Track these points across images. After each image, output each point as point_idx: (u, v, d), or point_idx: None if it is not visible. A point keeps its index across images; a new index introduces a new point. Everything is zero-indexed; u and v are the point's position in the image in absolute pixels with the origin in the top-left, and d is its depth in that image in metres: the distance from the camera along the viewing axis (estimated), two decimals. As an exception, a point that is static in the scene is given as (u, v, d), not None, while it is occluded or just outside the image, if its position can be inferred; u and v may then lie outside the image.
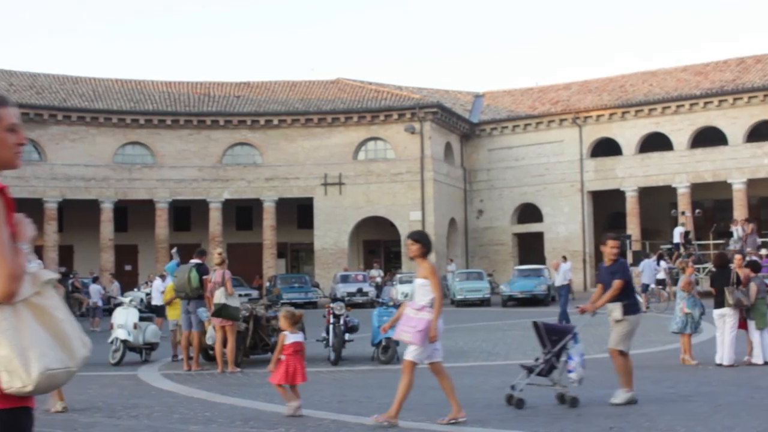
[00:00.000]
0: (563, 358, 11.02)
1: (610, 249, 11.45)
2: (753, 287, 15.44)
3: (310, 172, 49.27)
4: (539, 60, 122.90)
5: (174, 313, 17.88)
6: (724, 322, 15.11)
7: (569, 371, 10.96)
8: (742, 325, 15.43)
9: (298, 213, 52.93)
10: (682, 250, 39.59)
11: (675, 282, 28.22)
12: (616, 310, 11.17)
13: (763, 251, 35.91)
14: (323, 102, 50.81)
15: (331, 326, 16.78)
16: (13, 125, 3.28)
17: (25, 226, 3.22)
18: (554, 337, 11.21)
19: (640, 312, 11.69)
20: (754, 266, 16.56)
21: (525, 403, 10.68)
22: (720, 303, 15.21)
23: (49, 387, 3.15)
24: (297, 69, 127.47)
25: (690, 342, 15.97)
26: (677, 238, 40.80)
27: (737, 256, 16.85)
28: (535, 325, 11.52)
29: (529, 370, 11.09)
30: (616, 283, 11.14)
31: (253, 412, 10.83)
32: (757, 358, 15.32)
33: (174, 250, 24.65)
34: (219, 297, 15.27)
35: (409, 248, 10.02)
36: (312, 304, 40.08)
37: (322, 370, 15.78)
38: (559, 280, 27.65)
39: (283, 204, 50.16)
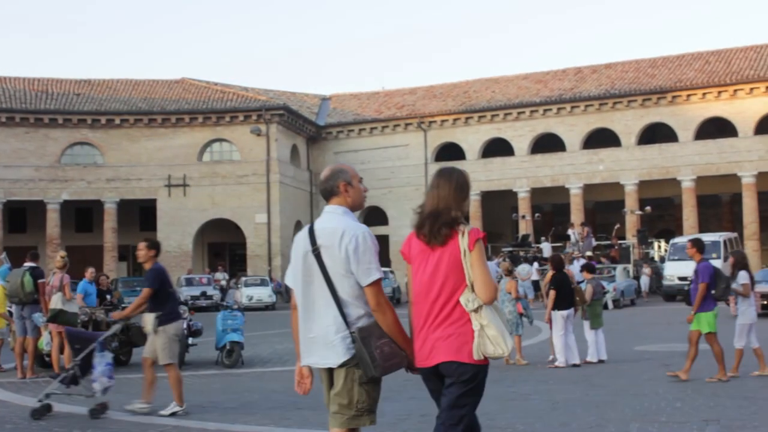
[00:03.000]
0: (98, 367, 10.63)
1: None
2: (589, 288, 15.99)
3: (153, 173, 48.23)
4: (385, 65, 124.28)
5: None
6: (570, 322, 15.46)
7: (93, 381, 10.63)
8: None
9: (141, 215, 51.75)
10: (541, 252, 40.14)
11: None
12: (149, 322, 10.63)
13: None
14: (167, 102, 49.84)
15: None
16: (360, 179, 5.47)
17: None
18: (77, 345, 10.91)
19: (178, 320, 11.06)
20: (590, 268, 17.14)
21: (46, 412, 10.51)
22: (565, 304, 15.46)
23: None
24: (140, 67, 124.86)
25: (520, 342, 16.39)
26: (547, 251, 40.25)
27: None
28: (67, 332, 11.34)
29: (63, 379, 10.77)
30: (144, 292, 10.61)
31: (91, 420, 10.47)
32: (592, 357, 15.84)
33: (3, 255, 23.69)
34: (56, 302, 14.72)
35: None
36: (154, 308, 39.29)
37: (164, 375, 15.43)
38: None
39: (125, 205, 48.94)
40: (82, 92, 50.70)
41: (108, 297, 18.96)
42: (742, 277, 13.53)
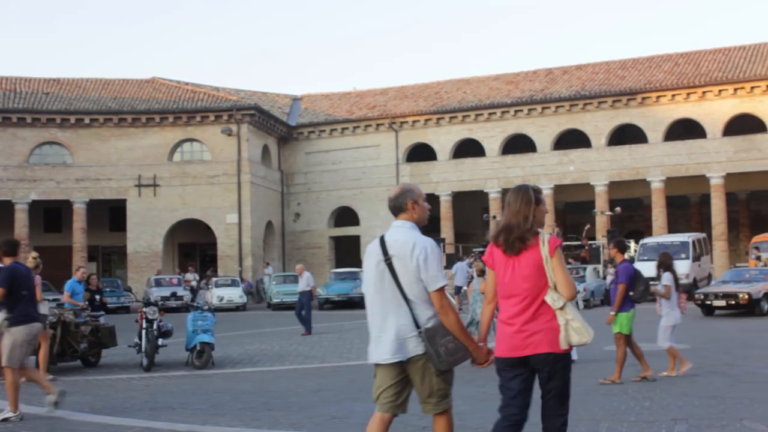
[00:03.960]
0: None
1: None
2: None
3: (123, 173, 47.93)
4: (357, 65, 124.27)
5: None
6: None
7: None
8: None
9: (111, 215, 51.43)
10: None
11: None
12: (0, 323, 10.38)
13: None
14: (137, 101, 49.53)
15: (143, 331, 16.36)
16: (424, 197, 6.10)
17: None
18: None
19: (31, 324, 10.59)
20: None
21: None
22: None
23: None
24: (110, 66, 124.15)
25: None
26: None
27: None
28: None
29: None
30: None
31: (60, 422, 10.38)
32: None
33: None
34: None
35: None
36: (124, 309, 39.15)
37: (134, 377, 15.38)
38: (301, 286, 26.12)
39: (94, 206, 48.59)
40: (52, 91, 50.27)
41: (98, 297, 18.86)
42: (665, 278, 13.58)
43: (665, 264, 13.77)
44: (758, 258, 35.84)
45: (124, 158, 47.97)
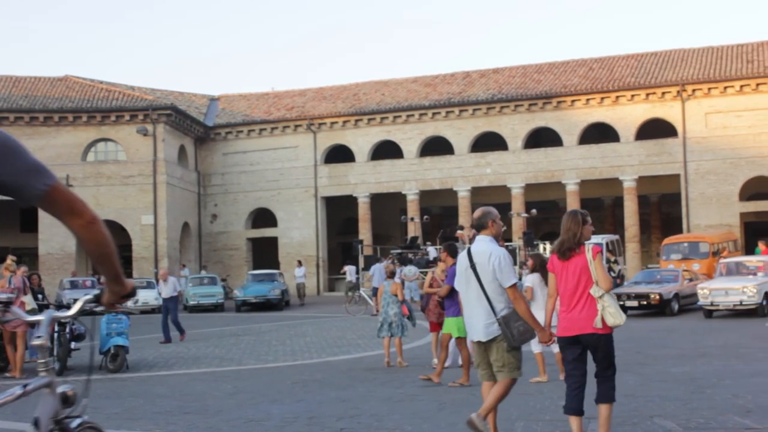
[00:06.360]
0: None
1: None
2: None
3: (34, 173, 46.84)
4: (275, 66, 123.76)
5: None
6: None
7: None
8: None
9: (22, 216, 50.23)
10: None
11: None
12: None
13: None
14: (50, 100, 48.50)
15: (56, 334, 16.04)
16: (499, 217, 8.30)
17: None
18: None
19: None
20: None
21: None
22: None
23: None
24: (21, 63, 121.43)
25: (401, 345, 16.46)
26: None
27: None
28: None
29: None
30: None
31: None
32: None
33: None
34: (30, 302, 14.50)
35: None
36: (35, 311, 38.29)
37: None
38: (166, 292, 24.95)
39: (4, 206, 47.31)
40: (-40, 89, 48.96)
41: (40, 296, 18.50)
42: (528, 280, 13.44)
43: (538, 265, 13.43)
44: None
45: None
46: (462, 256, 8.18)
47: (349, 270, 42.53)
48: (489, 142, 49.49)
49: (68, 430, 3.53)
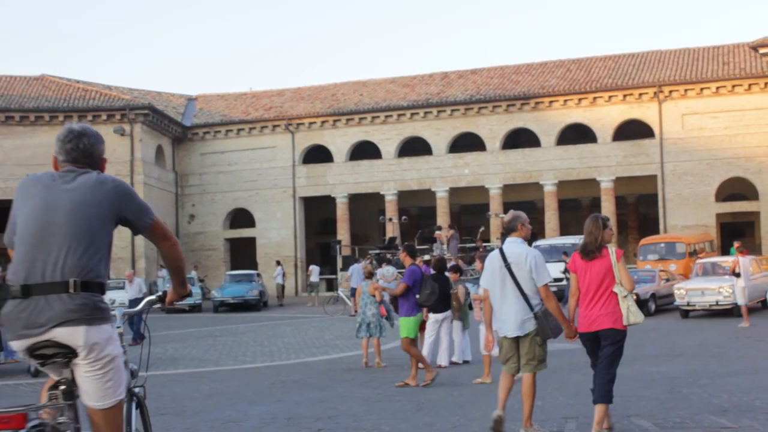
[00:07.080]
0: None
1: None
2: (461, 289, 15.98)
3: (11, 173, 46.40)
4: (253, 66, 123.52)
5: None
6: (442, 326, 15.29)
7: None
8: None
9: (-3, 216, 49.85)
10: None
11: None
12: None
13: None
14: (26, 99, 48.16)
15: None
16: (528, 221, 8.99)
17: None
18: None
19: None
20: (457, 269, 17.29)
21: None
22: (440, 308, 14.89)
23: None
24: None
25: (379, 345, 16.48)
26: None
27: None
28: None
29: None
30: None
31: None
32: (458, 358, 16.08)
33: None
34: None
35: None
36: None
37: (21, 383, 14.95)
38: (132, 293, 24.88)
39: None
40: (-65, 88, 48.52)
41: None
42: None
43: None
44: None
45: (11, 158, 46.51)
46: (494, 256, 8.70)
47: (314, 270, 42.99)
48: (467, 143, 49.57)
49: (135, 394, 5.35)
